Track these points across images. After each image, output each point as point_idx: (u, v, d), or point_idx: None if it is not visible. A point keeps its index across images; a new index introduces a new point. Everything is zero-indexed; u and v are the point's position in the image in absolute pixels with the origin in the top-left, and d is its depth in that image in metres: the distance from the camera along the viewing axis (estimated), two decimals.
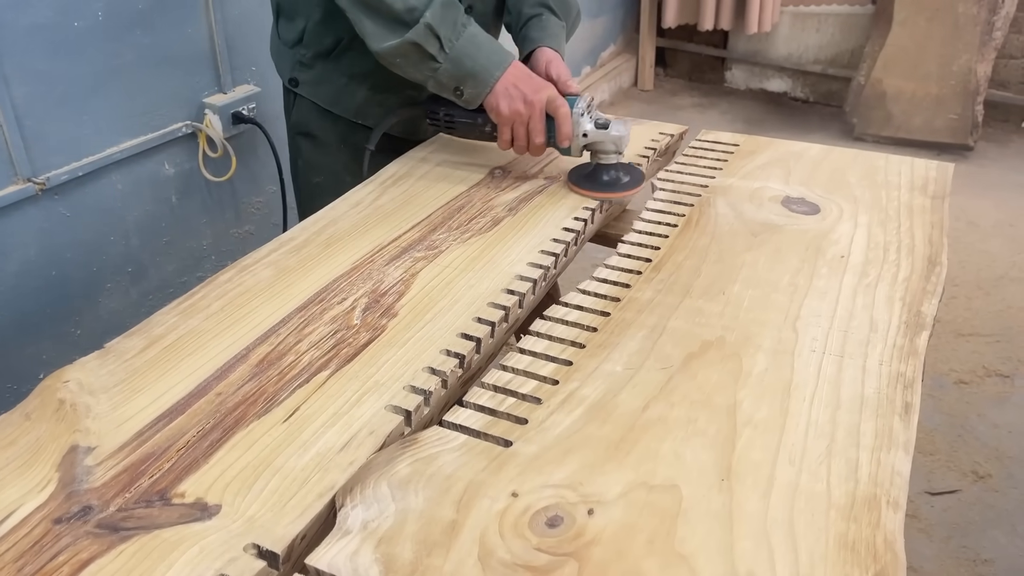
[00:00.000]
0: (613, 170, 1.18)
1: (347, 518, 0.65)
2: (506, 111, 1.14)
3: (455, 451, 0.73)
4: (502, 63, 1.14)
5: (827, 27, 3.80)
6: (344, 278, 0.98)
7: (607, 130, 1.15)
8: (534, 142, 1.16)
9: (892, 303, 0.95)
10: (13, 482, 0.69)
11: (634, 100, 4.02)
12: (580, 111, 1.15)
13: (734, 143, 1.39)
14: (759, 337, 0.88)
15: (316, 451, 0.72)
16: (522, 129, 1.16)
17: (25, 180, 1.51)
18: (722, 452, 0.72)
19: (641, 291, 0.97)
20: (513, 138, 1.17)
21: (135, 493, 0.68)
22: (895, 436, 0.75)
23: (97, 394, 0.79)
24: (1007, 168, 3.26)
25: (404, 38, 1.10)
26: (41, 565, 0.61)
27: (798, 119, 3.78)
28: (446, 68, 1.13)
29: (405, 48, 1.12)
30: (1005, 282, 2.52)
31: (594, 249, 1.25)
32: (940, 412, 2.00)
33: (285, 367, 0.83)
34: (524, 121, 1.15)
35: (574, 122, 1.15)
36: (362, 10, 1.13)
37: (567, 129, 1.15)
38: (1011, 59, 3.53)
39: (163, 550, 0.62)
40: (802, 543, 0.64)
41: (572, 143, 1.17)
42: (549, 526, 0.65)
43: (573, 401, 0.79)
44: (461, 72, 1.13)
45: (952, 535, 1.67)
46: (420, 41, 1.10)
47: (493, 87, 1.14)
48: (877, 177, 1.27)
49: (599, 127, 1.16)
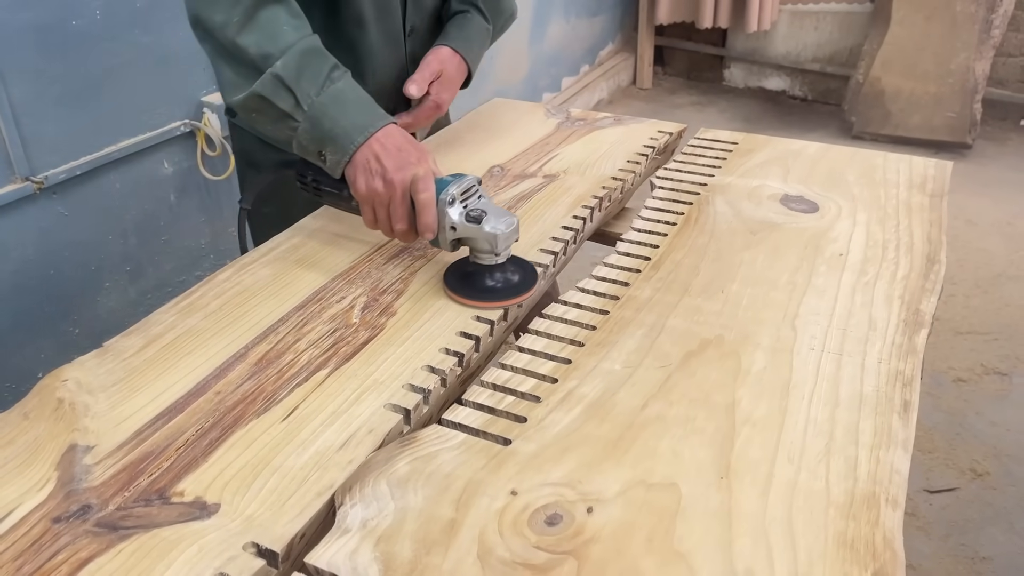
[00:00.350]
0: (494, 273, 0.94)
1: (346, 517, 0.65)
2: (363, 188, 0.95)
3: (454, 449, 0.73)
4: (367, 128, 0.95)
5: (825, 25, 3.80)
6: (343, 277, 0.98)
7: (479, 225, 0.92)
8: (395, 228, 0.96)
9: (891, 301, 0.95)
10: (12, 481, 0.69)
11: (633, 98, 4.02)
12: (450, 197, 0.93)
13: (732, 141, 1.39)
14: (758, 335, 0.88)
15: (315, 450, 0.72)
16: (383, 211, 0.96)
17: (23, 179, 1.50)
18: (721, 450, 0.73)
19: (640, 289, 0.97)
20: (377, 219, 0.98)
21: (134, 492, 0.68)
22: (894, 434, 0.75)
23: (96, 393, 0.79)
24: (1005, 166, 3.26)
25: (250, 90, 0.95)
26: (40, 564, 0.61)
27: (796, 117, 3.78)
28: (305, 128, 0.96)
29: (254, 102, 0.96)
30: (1003, 280, 2.52)
31: (593, 248, 1.25)
32: (939, 410, 2.00)
33: (284, 366, 0.83)
34: (384, 203, 0.95)
35: (440, 211, 0.93)
36: (221, 56, 0.98)
37: (428, 219, 0.93)
38: (1009, 57, 3.53)
39: (162, 549, 0.62)
40: (801, 541, 0.64)
41: (440, 236, 0.95)
42: (548, 524, 0.65)
43: (572, 399, 0.79)
44: (320, 134, 0.96)
45: (950, 533, 1.67)
46: (268, 95, 0.95)
47: (352, 156, 0.95)
48: (876, 175, 1.27)
49: (471, 220, 0.92)
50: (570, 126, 1.44)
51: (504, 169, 1.26)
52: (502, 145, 1.36)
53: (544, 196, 1.18)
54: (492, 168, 1.27)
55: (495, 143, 1.37)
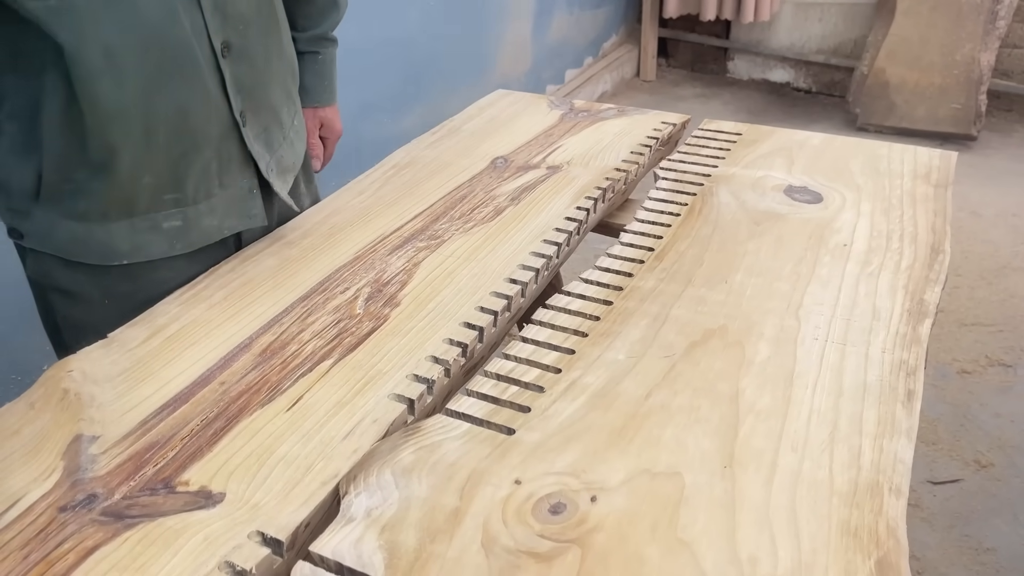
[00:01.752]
0: None
1: (351, 506, 0.65)
2: None
3: (458, 439, 0.73)
4: None
5: (830, 17, 3.79)
6: (347, 268, 0.98)
7: None
8: None
9: (895, 291, 0.95)
10: (18, 470, 0.69)
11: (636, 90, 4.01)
12: None
13: (736, 132, 1.39)
14: (761, 325, 0.88)
15: (320, 439, 0.72)
16: None
17: None
18: (725, 439, 0.73)
19: (644, 280, 0.97)
20: None
21: (139, 481, 0.68)
22: (898, 423, 0.75)
23: (101, 383, 0.79)
24: (1010, 158, 3.25)
25: None
26: (46, 552, 0.61)
27: (801, 109, 3.77)
28: None
29: None
30: (1008, 272, 2.51)
31: (596, 240, 1.24)
32: (943, 402, 2.00)
33: (288, 356, 0.83)
34: None
35: None
36: None
37: None
38: (1015, 48, 3.51)
39: (168, 538, 0.62)
40: (804, 530, 0.64)
41: None
42: (552, 513, 0.65)
43: (576, 389, 0.79)
44: None
45: (954, 524, 1.67)
46: None
47: None
48: (880, 166, 1.26)
49: None
50: (573, 117, 1.44)
51: (508, 160, 1.26)
52: (505, 136, 1.36)
53: (548, 187, 1.18)
54: (496, 159, 1.26)
55: (498, 134, 1.36)
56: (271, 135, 1.01)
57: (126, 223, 0.92)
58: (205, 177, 0.95)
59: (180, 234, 0.96)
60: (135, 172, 0.89)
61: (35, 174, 0.89)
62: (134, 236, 0.93)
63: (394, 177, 1.21)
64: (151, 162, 0.90)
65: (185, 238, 0.96)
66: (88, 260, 0.93)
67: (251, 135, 0.97)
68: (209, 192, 0.96)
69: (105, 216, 0.92)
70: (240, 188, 0.99)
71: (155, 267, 0.95)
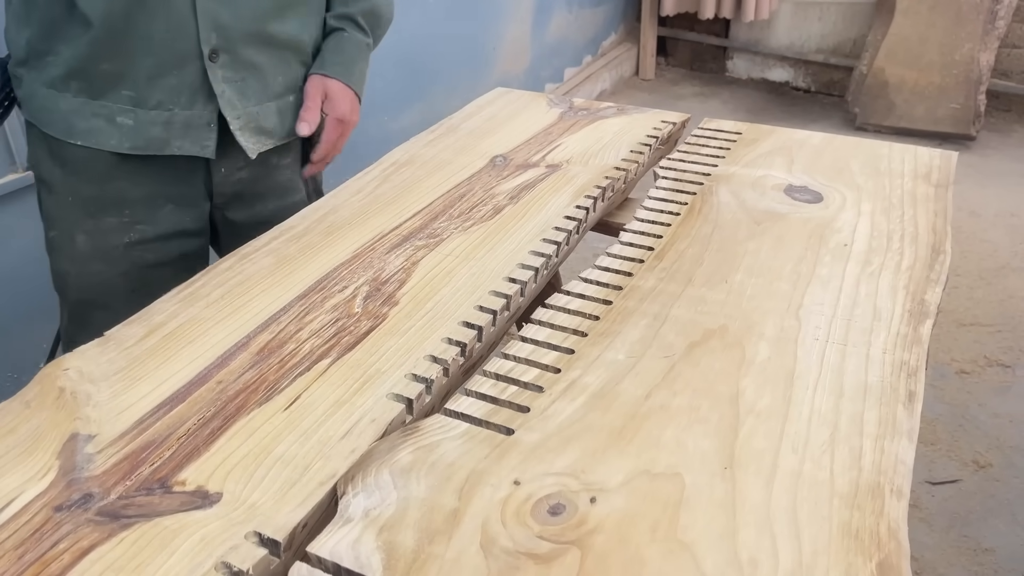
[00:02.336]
0: None
1: (349, 506, 0.65)
2: None
3: (457, 439, 0.72)
4: None
5: (829, 16, 3.79)
6: (345, 266, 0.98)
7: None
8: None
9: (895, 291, 0.94)
10: (13, 470, 0.69)
11: (635, 89, 4.01)
12: None
13: (736, 131, 1.38)
14: (762, 325, 0.88)
15: (317, 439, 0.72)
16: None
17: (24, 169, 1.50)
18: (725, 440, 0.72)
19: (643, 279, 0.96)
20: None
21: (136, 481, 0.68)
22: (899, 424, 0.74)
23: (97, 382, 0.79)
24: (1009, 158, 3.25)
25: None
26: (42, 552, 0.61)
27: (800, 109, 3.77)
28: None
29: None
30: (1007, 272, 2.51)
31: (595, 239, 1.24)
32: (941, 402, 2.00)
33: (286, 355, 0.83)
34: None
35: None
36: None
37: None
38: (1014, 48, 3.52)
39: (164, 538, 0.62)
40: (805, 531, 0.63)
41: None
42: (551, 514, 0.65)
43: (575, 389, 0.78)
44: None
45: (953, 524, 1.67)
46: None
47: None
48: (880, 165, 1.26)
49: None
50: (573, 116, 1.43)
51: (507, 159, 1.26)
52: (504, 135, 1.35)
53: (547, 186, 1.18)
54: (495, 158, 1.26)
55: (497, 133, 1.36)
56: (247, 87, 1.09)
57: (85, 102, 1.03)
58: (162, 89, 1.03)
59: (131, 133, 1.05)
60: (99, 52, 0.99)
61: (27, 41, 1.03)
62: (91, 119, 1.04)
63: (393, 175, 1.20)
64: (113, 51, 0.99)
65: (134, 138, 1.05)
66: (52, 132, 1.05)
67: (219, 75, 1.05)
68: (163, 105, 1.04)
69: (67, 86, 1.02)
70: (199, 117, 1.07)
71: (111, 169, 1.06)
